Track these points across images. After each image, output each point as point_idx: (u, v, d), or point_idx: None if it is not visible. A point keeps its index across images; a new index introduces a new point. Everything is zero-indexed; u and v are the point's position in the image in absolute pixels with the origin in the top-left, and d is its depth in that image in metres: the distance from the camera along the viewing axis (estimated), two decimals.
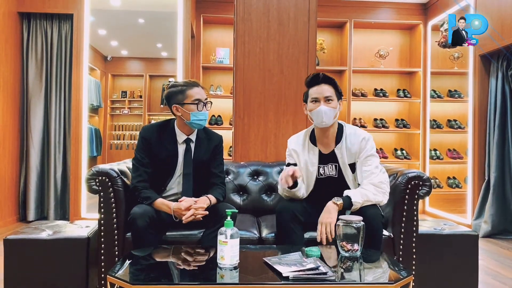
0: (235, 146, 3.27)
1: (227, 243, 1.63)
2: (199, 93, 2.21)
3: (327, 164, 2.23)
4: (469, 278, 2.40)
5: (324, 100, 2.15)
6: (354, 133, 2.23)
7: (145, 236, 2.00)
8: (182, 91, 2.21)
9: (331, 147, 2.23)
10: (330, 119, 2.15)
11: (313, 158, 2.23)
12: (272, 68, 3.27)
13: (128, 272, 1.66)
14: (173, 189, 2.28)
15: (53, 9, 4.60)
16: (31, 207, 4.61)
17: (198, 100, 2.19)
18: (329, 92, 2.16)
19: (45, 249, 2.21)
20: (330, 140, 2.23)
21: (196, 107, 2.19)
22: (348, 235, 1.81)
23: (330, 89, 2.17)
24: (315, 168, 2.23)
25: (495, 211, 4.22)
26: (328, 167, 2.22)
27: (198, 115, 2.19)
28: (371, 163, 2.16)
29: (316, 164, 2.23)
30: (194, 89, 2.21)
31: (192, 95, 2.20)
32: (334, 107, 2.15)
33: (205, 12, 5.41)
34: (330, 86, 2.18)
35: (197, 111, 2.19)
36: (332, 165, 2.22)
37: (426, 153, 5.49)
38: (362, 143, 2.18)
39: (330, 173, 2.22)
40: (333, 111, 2.15)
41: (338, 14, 5.54)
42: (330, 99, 2.15)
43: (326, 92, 2.16)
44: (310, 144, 2.26)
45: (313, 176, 2.24)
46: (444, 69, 5.52)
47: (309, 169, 2.24)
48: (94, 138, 4.92)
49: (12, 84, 4.52)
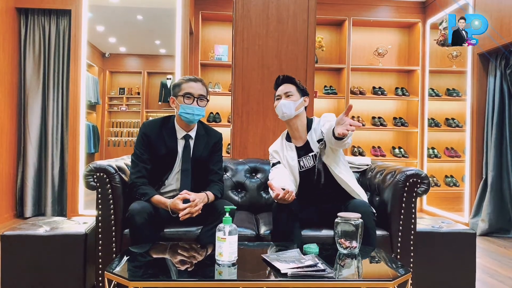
0: (234, 143, 3.26)
1: (225, 239, 1.63)
2: (193, 87, 2.24)
3: (306, 156, 2.33)
4: (467, 276, 2.41)
5: (284, 96, 2.31)
6: (319, 119, 2.36)
7: (143, 232, 2.00)
8: (179, 84, 2.27)
9: (304, 139, 2.35)
10: (290, 110, 2.28)
11: (291, 154, 2.35)
12: (271, 66, 3.26)
13: (126, 268, 1.66)
14: (171, 185, 2.28)
15: (51, 5, 4.58)
16: (28, 204, 4.59)
17: (189, 93, 2.23)
18: (289, 88, 2.32)
19: (43, 246, 2.20)
20: (301, 133, 2.36)
21: (184, 100, 2.22)
22: (347, 232, 1.82)
23: (291, 87, 2.33)
24: (296, 162, 2.33)
25: (492, 209, 4.24)
26: (306, 159, 2.33)
27: (186, 108, 2.21)
28: (331, 118, 2.27)
29: (296, 158, 2.34)
30: (189, 83, 2.26)
31: (184, 89, 2.25)
32: (294, 100, 2.29)
33: (204, 9, 5.40)
34: (291, 85, 2.34)
35: (184, 103, 2.21)
36: (309, 156, 2.32)
37: (424, 151, 5.50)
38: (321, 119, 2.32)
39: (309, 164, 2.32)
40: (293, 103, 2.28)
41: (337, 12, 5.54)
42: (289, 95, 2.31)
43: (286, 89, 2.33)
44: (286, 142, 2.40)
45: (295, 170, 2.33)
46: (443, 67, 5.53)
47: (290, 164, 2.34)
48: (91, 135, 4.90)
49: (9, 80, 4.50)
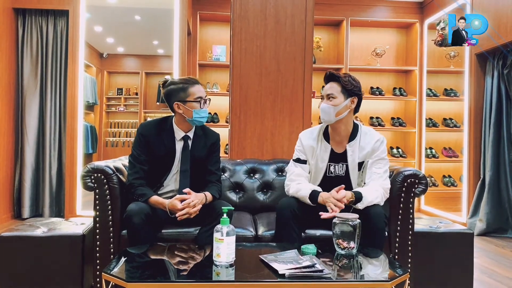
0: (232, 143, 3.26)
1: (223, 240, 1.62)
2: (201, 90, 2.25)
3: (338, 163, 2.23)
4: (464, 276, 2.42)
5: (326, 97, 2.19)
6: (369, 133, 2.25)
7: (141, 233, 1.99)
8: (184, 89, 2.22)
9: (343, 146, 2.23)
10: (329, 116, 2.16)
11: (324, 155, 2.23)
12: (268, 66, 3.26)
13: (123, 269, 1.66)
14: (169, 186, 2.28)
15: (48, 5, 4.56)
16: (26, 205, 4.58)
17: (200, 97, 2.22)
18: (332, 89, 2.18)
19: (40, 246, 2.20)
20: (342, 138, 2.23)
21: (199, 105, 2.22)
22: (344, 232, 1.82)
23: (335, 86, 2.19)
24: (325, 165, 2.23)
25: (490, 209, 4.24)
26: (338, 166, 2.23)
27: (200, 112, 2.22)
28: (382, 166, 2.18)
29: (326, 161, 2.23)
30: (195, 86, 2.24)
31: (194, 93, 2.22)
32: (335, 104, 2.16)
33: (202, 9, 5.40)
34: (336, 83, 2.20)
35: (199, 108, 2.22)
36: (342, 164, 2.22)
37: (422, 151, 5.51)
38: (376, 144, 2.20)
39: (339, 173, 2.22)
40: (332, 108, 2.15)
41: (335, 12, 5.54)
42: (331, 97, 2.18)
43: (329, 90, 2.20)
44: (323, 140, 2.27)
45: (321, 173, 2.24)
46: (440, 67, 5.54)
47: (318, 165, 2.24)
48: (89, 136, 4.89)
49: (7, 80, 4.48)
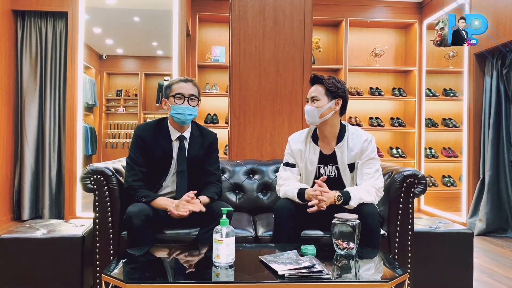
0: (231, 144, 3.26)
1: (222, 241, 1.62)
2: (183, 87, 2.23)
3: (328, 165, 2.22)
4: (464, 276, 2.42)
5: (311, 100, 2.20)
6: (356, 133, 2.23)
7: (140, 235, 1.99)
8: (170, 86, 2.27)
9: (332, 147, 2.22)
10: (313, 118, 2.17)
11: (313, 157, 2.23)
12: (267, 67, 3.26)
13: (123, 271, 1.66)
14: (168, 187, 2.28)
15: (47, 7, 4.56)
16: (25, 206, 4.58)
17: (179, 94, 2.21)
18: (316, 92, 2.19)
19: (40, 248, 2.20)
20: (330, 139, 2.22)
21: (175, 100, 2.21)
22: (344, 233, 1.82)
23: (319, 88, 2.19)
24: (314, 167, 2.22)
25: (489, 209, 4.24)
26: (328, 168, 2.22)
27: (177, 108, 2.20)
28: (373, 166, 2.16)
29: (316, 163, 2.22)
30: (179, 83, 2.25)
31: (175, 89, 2.24)
32: (318, 106, 2.16)
33: (201, 10, 5.40)
34: (320, 86, 2.20)
35: (175, 104, 2.21)
36: (332, 166, 2.22)
37: (421, 151, 5.51)
38: (364, 144, 2.18)
39: (330, 174, 2.22)
40: (316, 110, 2.15)
41: (334, 12, 5.54)
42: (315, 99, 2.18)
43: (313, 92, 2.20)
44: (312, 142, 2.26)
45: (312, 175, 2.23)
46: (439, 68, 5.54)
47: (308, 168, 2.23)
48: (89, 137, 4.89)
49: (6, 82, 4.48)
